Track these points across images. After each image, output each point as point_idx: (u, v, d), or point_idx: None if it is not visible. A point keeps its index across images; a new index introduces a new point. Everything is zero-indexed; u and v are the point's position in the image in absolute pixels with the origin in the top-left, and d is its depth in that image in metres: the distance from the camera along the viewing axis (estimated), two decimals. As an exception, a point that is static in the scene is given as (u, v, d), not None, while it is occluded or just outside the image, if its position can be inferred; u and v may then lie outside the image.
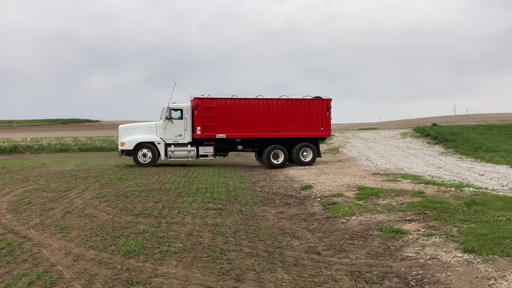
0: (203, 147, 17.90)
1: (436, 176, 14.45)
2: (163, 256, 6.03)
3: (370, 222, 8.53)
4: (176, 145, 17.87)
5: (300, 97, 18.94)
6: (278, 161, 18.24)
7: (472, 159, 19.17)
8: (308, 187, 12.86)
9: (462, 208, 9.19)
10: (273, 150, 18.14)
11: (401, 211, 9.35)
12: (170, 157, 17.81)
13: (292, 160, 18.57)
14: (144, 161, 17.53)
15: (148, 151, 17.54)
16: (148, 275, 5.35)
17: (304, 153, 18.57)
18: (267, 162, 18.17)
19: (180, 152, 17.77)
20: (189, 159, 18.00)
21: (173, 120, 17.81)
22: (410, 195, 11.16)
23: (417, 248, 6.69)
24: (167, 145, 17.83)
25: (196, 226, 7.76)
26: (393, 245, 6.96)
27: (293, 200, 11.20)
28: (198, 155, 17.89)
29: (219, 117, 17.72)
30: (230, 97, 18.22)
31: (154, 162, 17.70)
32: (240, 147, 18.67)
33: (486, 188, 11.90)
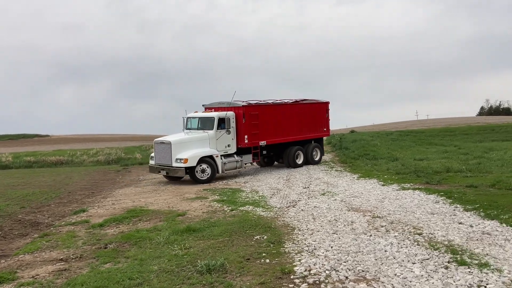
0: (248, 156, 17.19)
1: (256, 192, 12.83)
2: None
3: (19, 263, 6.72)
4: (225, 156, 16.49)
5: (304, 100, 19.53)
6: (299, 161, 18.76)
7: (340, 169, 17.59)
8: (82, 211, 11.07)
9: (161, 238, 7.46)
10: (297, 151, 18.70)
11: (94, 244, 7.58)
12: (224, 170, 16.30)
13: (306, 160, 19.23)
14: (202, 177, 15.71)
15: (207, 166, 15.82)
16: None
17: (314, 153, 19.42)
18: (292, 163, 18.54)
19: (231, 164, 16.54)
20: (237, 169, 17.18)
21: (229, 130, 16.46)
22: (162, 218, 9.50)
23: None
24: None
25: None
26: None
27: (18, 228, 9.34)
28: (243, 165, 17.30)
29: (261, 124, 17.41)
30: (268, 102, 18.26)
31: (214, 177, 15.98)
32: (264, 152, 18.13)
33: (265, 207, 10.22)
